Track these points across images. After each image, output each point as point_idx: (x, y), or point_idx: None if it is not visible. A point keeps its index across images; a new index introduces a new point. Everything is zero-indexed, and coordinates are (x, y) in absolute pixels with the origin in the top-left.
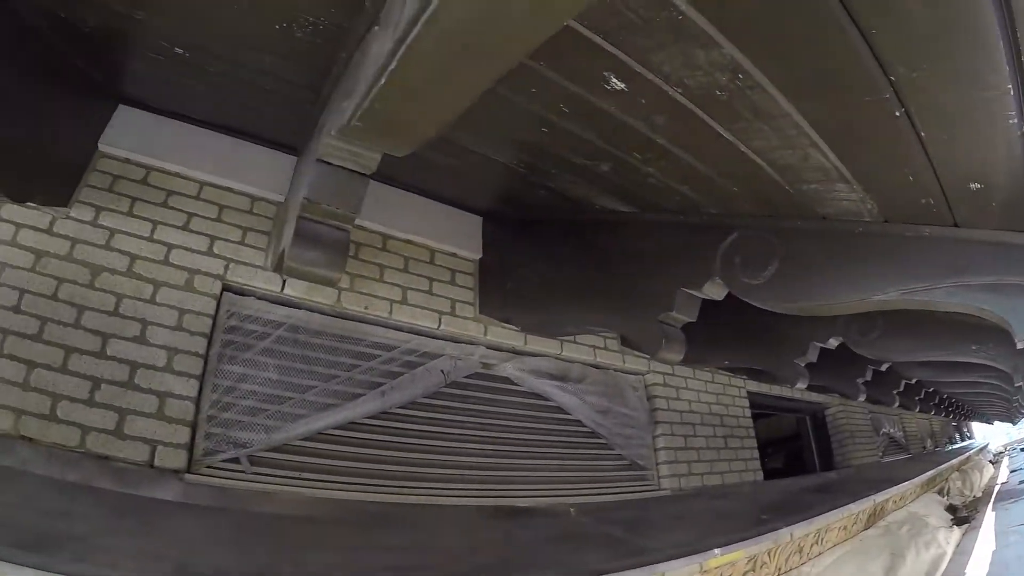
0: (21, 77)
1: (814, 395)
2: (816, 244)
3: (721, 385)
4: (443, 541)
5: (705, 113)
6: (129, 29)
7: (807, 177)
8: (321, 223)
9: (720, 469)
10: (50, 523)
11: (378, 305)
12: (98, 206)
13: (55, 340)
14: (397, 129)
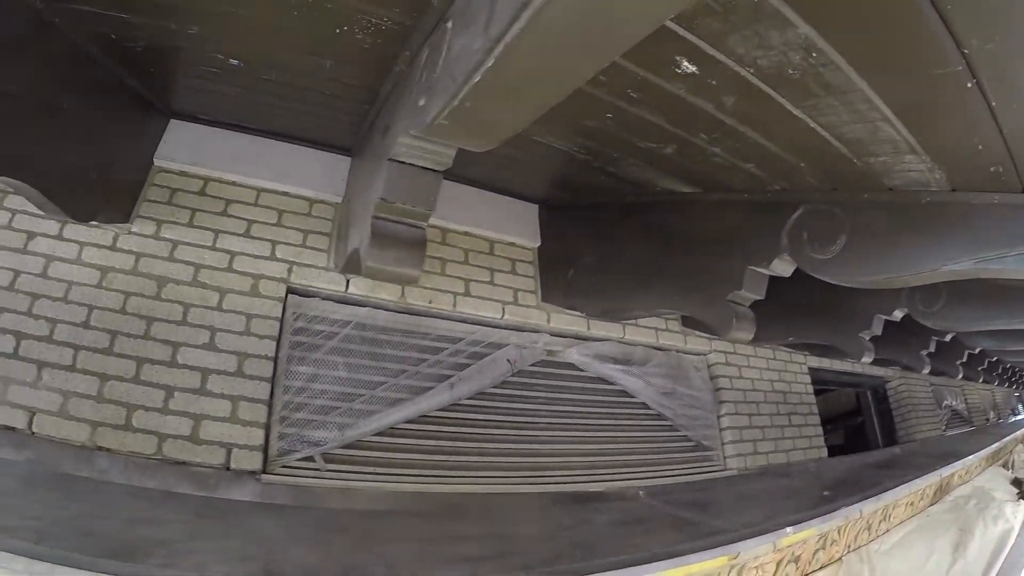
0: (79, 101)
1: (876, 369)
2: (883, 216)
3: (783, 362)
4: (519, 529)
5: (776, 91)
6: (182, 45)
7: (875, 150)
8: (397, 222)
9: (784, 447)
10: (135, 530)
11: (442, 299)
12: (159, 220)
13: (127, 352)
14: (486, 127)
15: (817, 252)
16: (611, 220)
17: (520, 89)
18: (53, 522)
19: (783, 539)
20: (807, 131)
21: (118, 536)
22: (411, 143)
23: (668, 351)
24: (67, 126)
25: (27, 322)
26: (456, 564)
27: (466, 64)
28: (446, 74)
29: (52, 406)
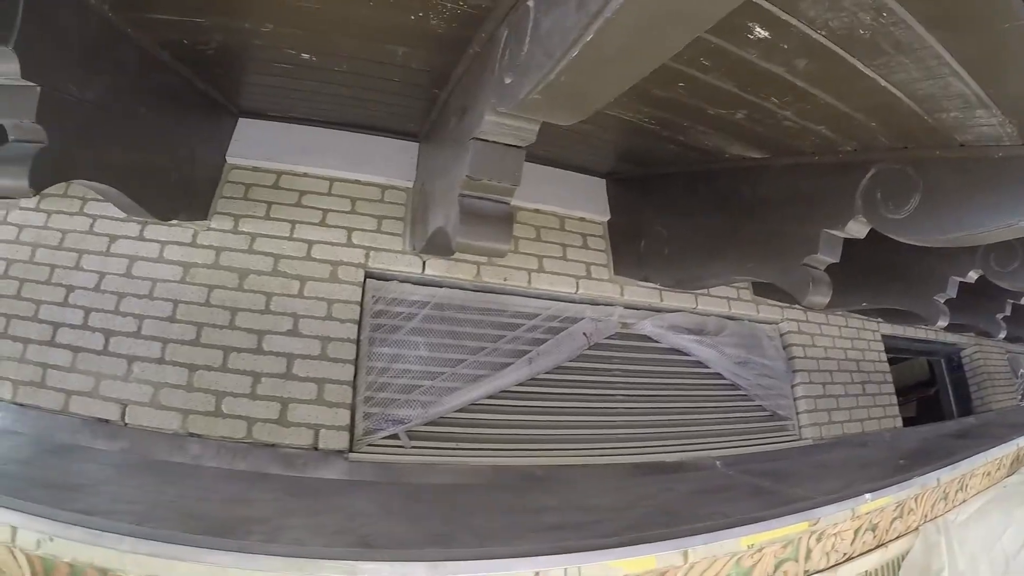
0: (153, 106)
1: (950, 336)
2: (956, 173)
3: (855, 329)
4: (600, 499)
5: (847, 52)
6: (255, 44)
7: (946, 106)
8: (483, 198)
9: (859, 416)
10: (232, 510)
11: (516, 276)
12: (236, 214)
13: (213, 342)
14: (579, 100)
15: (891, 212)
16: (680, 190)
17: (616, 61)
18: (152, 505)
19: (861, 506)
20: (878, 90)
21: (216, 516)
22: (496, 121)
23: (741, 320)
24: (144, 130)
25: (115, 320)
26: (542, 532)
27: (562, 40)
28: (538, 51)
29: (143, 397)
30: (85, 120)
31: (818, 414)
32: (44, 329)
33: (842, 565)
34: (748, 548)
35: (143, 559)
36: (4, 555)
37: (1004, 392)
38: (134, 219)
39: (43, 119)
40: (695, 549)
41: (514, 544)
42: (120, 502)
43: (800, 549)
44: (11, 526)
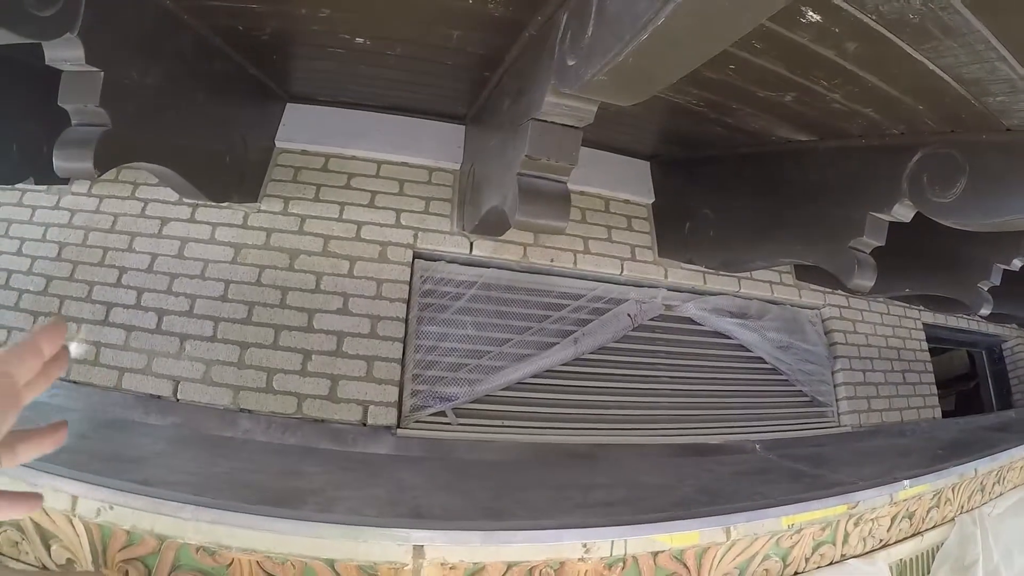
0: (208, 91)
1: (991, 327)
2: (1002, 157)
3: (896, 317)
4: (644, 477)
5: (896, 36)
6: (311, 29)
7: (993, 90)
8: (541, 177)
9: (898, 405)
10: (284, 481)
11: (562, 257)
12: (286, 197)
13: (264, 321)
14: (643, 82)
15: (937, 196)
16: (726, 172)
17: (684, 44)
18: (207, 477)
19: (899, 492)
20: (926, 74)
21: (271, 487)
22: (556, 101)
23: (783, 305)
24: (199, 115)
25: (168, 299)
26: (590, 508)
27: (632, 23)
28: (606, 33)
29: (195, 374)
30: (144, 105)
31: (858, 401)
32: (97, 309)
33: (878, 551)
34: (788, 528)
35: (204, 527)
36: (63, 523)
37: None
38: (185, 202)
39: (106, 103)
40: (737, 526)
41: (563, 518)
42: (176, 473)
43: (838, 532)
44: (71, 495)
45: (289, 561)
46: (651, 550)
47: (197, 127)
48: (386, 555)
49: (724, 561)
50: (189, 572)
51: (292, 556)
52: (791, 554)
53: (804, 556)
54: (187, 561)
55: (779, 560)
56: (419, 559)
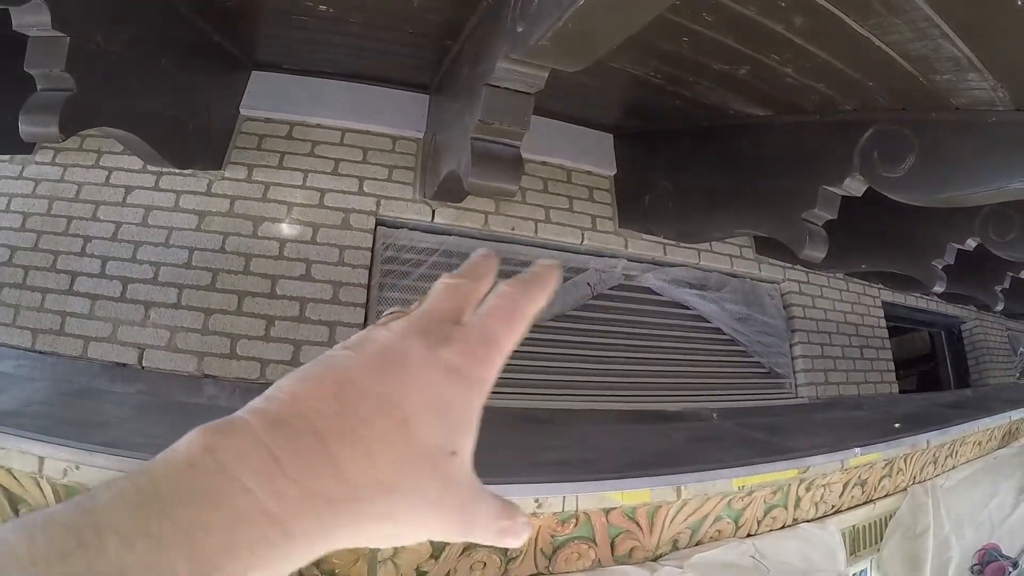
0: (173, 58)
1: (950, 308)
2: (951, 135)
3: (855, 294)
4: (600, 441)
5: (841, 11)
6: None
7: (940, 68)
8: (494, 142)
9: (855, 379)
10: None
11: (524, 226)
12: (250, 164)
13: (228, 287)
14: (584, 46)
15: (888, 171)
16: (685, 146)
17: (618, 7)
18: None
19: (851, 459)
20: (873, 49)
21: None
22: (508, 67)
23: (743, 278)
24: (163, 81)
25: (132, 267)
26: (546, 467)
27: None
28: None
29: (160, 341)
30: (110, 70)
31: (815, 374)
32: (62, 279)
33: (831, 516)
34: (739, 490)
35: None
36: (30, 486)
37: (1002, 368)
38: (150, 170)
39: (72, 68)
40: (687, 486)
41: (516, 476)
42: (141, 437)
43: (790, 497)
44: (38, 457)
45: None
46: (603, 507)
47: (162, 94)
48: None
49: (676, 520)
50: None
51: None
52: (743, 516)
53: (756, 518)
54: None
55: (731, 521)
56: None
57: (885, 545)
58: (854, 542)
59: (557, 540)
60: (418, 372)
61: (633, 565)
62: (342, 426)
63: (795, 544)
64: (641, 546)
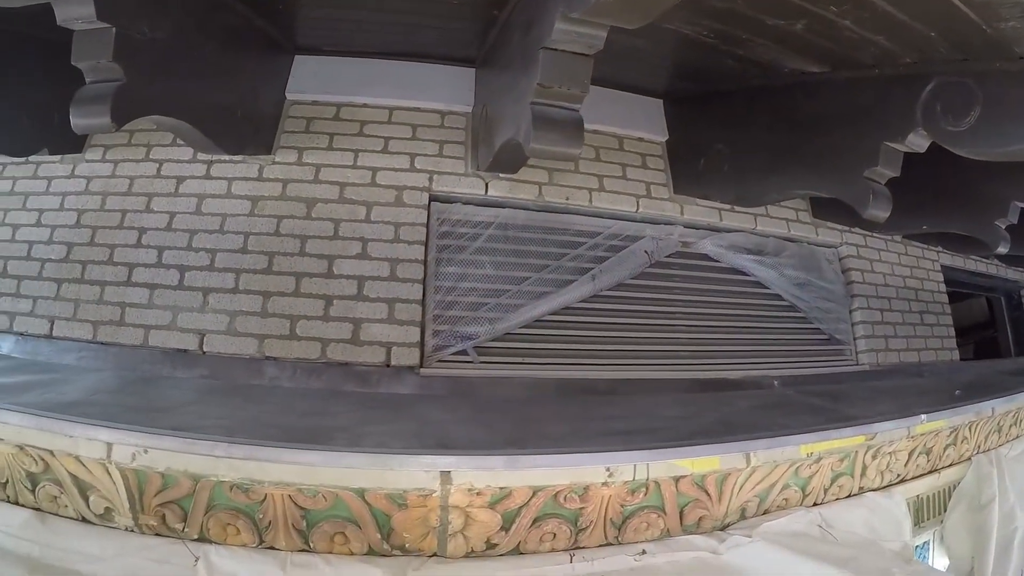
0: (217, 44)
1: (1011, 272)
2: (1016, 86)
3: (914, 258)
4: (662, 410)
5: None
6: None
7: (1004, 15)
8: (554, 105)
9: (916, 346)
10: (312, 421)
11: (578, 195)
12: (300, 147)
13: (285, 270)
14: (647, 2)
15: (951, 125)
16: (739, 107)
17: None
18: (236, 421)
19: (916, 426)
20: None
21: (300, 427)
22: (566, 28)
23: (800, 242)
24: (210, 68)
25: (188, 255)
26: (611, 437)
27: None
28: None
29: (220, 326)
30: (156, 59)
31: (875, 340)
32: (120, 271)
33: (896, 486)
34: (807, 457)
35: (237, 463)
36: (99, 473)
37: None
38: (200, 159)
39: (119, 57)
40: (757, 453)
41: (585, 445)
42: (206, 419)
43: (856, 465)
44: (106, 443)
45: (320, 493)
46: (673, 475)
47: (208, 81)
48: (414, 482)
49: (744, 489)
50: (224, 511)
51: (323, 488)
52: (810, 484)
53: (823, 487)
54: (221, 501)
55: (798, 490)
56: (446, 485)
57: (949, 516)
58: (918, 512)
59: (627, 510)
60: None
61: (701, 535)
62: None
63: (861, 513)
64: (709, 515)
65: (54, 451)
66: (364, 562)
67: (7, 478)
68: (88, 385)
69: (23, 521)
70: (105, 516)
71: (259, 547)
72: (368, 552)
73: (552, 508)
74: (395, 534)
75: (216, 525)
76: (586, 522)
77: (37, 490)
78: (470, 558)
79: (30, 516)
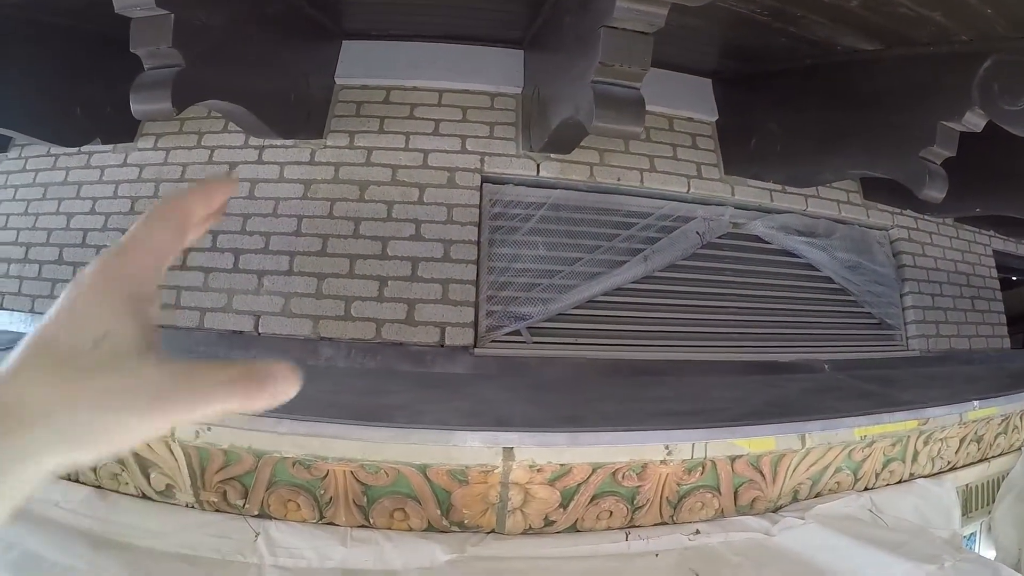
0: (268, 32)
1: None
2: None
3: (966, 242)
4: (714, 392)
5: None
6: None
7: None
8: (615, 84)
9: (967, 332)
10: (370, 399)
11: (629, 176)
12: (351, 131)
13: (339, 252)
14: None
15: (1009, 104)
16: (791, 85)
17: None
18: (296, 399)
19: (969, 412)
20: None
21: (359, 405)
22: (627, 6)
23: (851, 224)
24: (263, 54)
25: (243, 239)
26: (661, 417)
27: None
28: None
29: (275, 308)
30: (213, 45)
31: (926, 325)
32: None
33: (946, 473)
34: (860, 440)
35: (300, 439)
36: (162, 450)
37: None
38: (252, 144)
39: (179, 43)
40: (812, 435)
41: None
42: None
43: (908, 450)
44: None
45: (382, 469)
46: (729, 455)
47: (262, 67)
48: (476, 458)
49: (798, 471)
50: (285, 487)
51: (385, 464)
52: (862, 468)
53: (875, 471)
54: (283, 476)
55: (850, 473)
56: (508, 461)
57: (997, 507)
58: (967, 502)
59: (683, 489)
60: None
61: (754, 516)
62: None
63: (911, 500)
64: (763, 496)
65: None
66: (423, 538)
67: None
68: None
69: (84, 498)
70: (166, 493)
71: (319, 523)
72: (427, 528)
73: (610, 486)
74: (455, 510)
75: (277, 501)
76: (643, 500)
77: (98, 468)
78: (528, 535)
79: (91, 493)
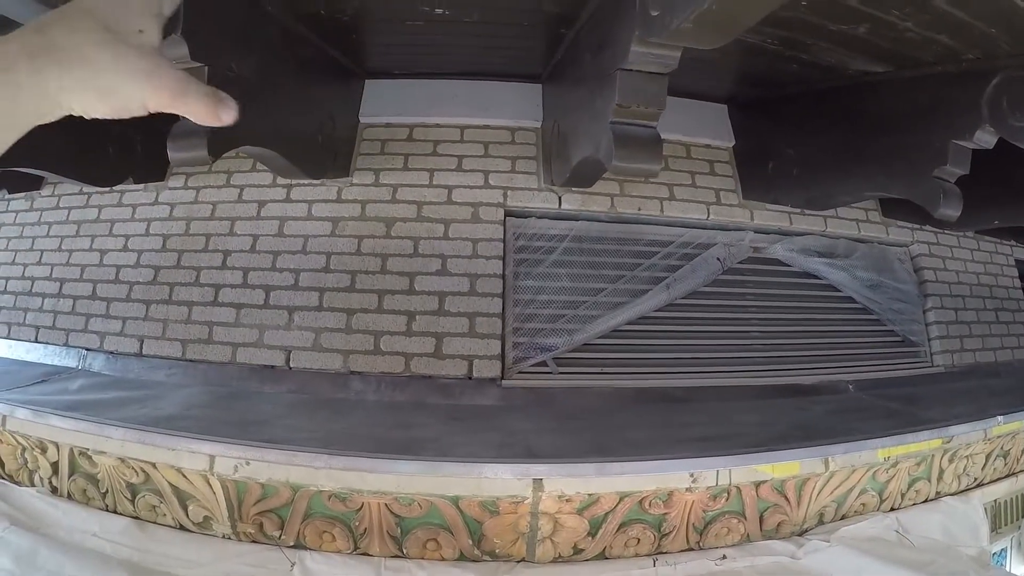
0: (295, 76)
1: None
2: None
3: (987, 254)
4: (740, 416)
5: None
6: (389, 6)
7: None
8: (632, 124)
9: (992, 345)
10: (400, 433)
11: (649, 205)
12: (376, 169)
13: (367, 287)
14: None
15: (1019, 120)
16: (804, 110)
17: None
18: (328, 433)
19: (994, 428)
20: None
21: (390, 438)
22: (642, 51)
23: (871, 243)
24: (290, 99)
25: (273, 276)
26: (692, 443)
27: None
28: None
29: (305, 343)
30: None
31: (950, 340)
32: (206, 291)
33: (973, 490)
34: (884, 461)
35: (336, 473)
36: (200, 484)
37: None
38: (279, 183)
39: None
40: (835, 458)
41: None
42: (298, 432)
43: (933, 469)
44: (209, 455)
45: (416, 501)
46: (753, 480)
47: (290, 111)
48: (507, 490)
49: (823, 494)
50: (321, 519)
51: (419, 496)
52: (887, 489)
53: (900, 491)
54: (319, 509)
55: (875, 494)
56: (538, 492)
57: None
58: (995, 518)
59: (708, 515)
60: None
61: (780, 540)
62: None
63: (938, 518)
64: (789, 520)
65: (156, 463)
66: (456, 567)
67: (107, 488)
68: (181, 400)
69: (122, 528)
70: (203, 524)
71: (353, 553)
72: (459, 558)
73: (637, 513)
74: (486, 540)
75: (312, 532)
76: (669, 527)
77: (136, 499)
78: (557, 563)
79: (129, 524)
